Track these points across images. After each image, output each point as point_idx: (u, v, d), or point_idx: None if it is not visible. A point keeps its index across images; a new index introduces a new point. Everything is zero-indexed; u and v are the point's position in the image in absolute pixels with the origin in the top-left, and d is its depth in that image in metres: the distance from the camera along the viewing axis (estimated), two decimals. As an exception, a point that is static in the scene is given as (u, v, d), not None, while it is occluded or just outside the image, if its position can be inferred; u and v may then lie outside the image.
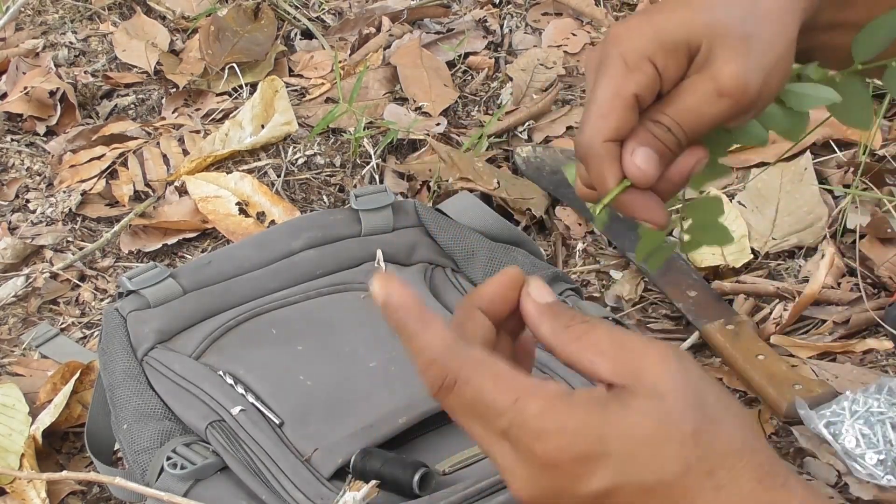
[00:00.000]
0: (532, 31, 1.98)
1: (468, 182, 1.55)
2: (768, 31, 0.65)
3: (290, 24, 2.02)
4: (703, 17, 0.65)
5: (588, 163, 0.66)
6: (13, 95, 1.83)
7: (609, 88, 0.65)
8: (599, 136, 0.65)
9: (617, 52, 0.65)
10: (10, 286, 1.50)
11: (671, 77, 0.66)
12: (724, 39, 0.64)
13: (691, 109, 0.65)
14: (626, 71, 0.65)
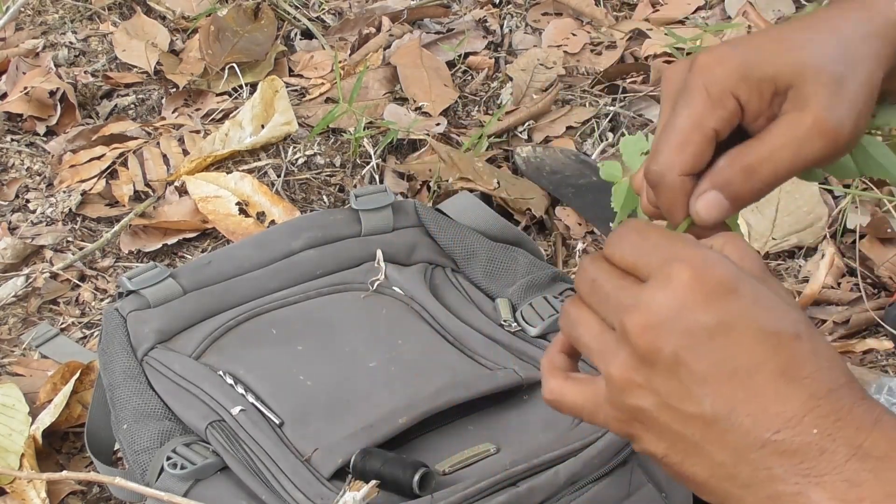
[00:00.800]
0: (532, 31, 1.98)
1: (468, 182, 1.55)
2: (860, 75, 0.65)
3: (290, 24, 2.02)
4: (794, 55, 0.65)
5: (659, 193, 0.67)
6: (13, 95, 1.83)
7: (689, 120, 0.65)
8: (674, 170, 0.65)
9: (701, 83, 0.65)
10: (10, 286, 1.50)
11: (753, 113, 0.66)
12: (818, 80, 0.64)
13: (784, 149, 0.64)
14: (708, 104, 0.65)
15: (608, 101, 1.77)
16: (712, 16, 1.99)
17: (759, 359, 0.55)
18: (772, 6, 1.96)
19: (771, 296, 0.57)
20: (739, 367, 0.55)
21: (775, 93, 0.65)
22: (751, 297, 0.56)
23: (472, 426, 1.04)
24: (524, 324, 1.15)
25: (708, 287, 0.56)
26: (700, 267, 0.56)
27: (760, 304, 0.56)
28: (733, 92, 0.65)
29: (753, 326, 0.55)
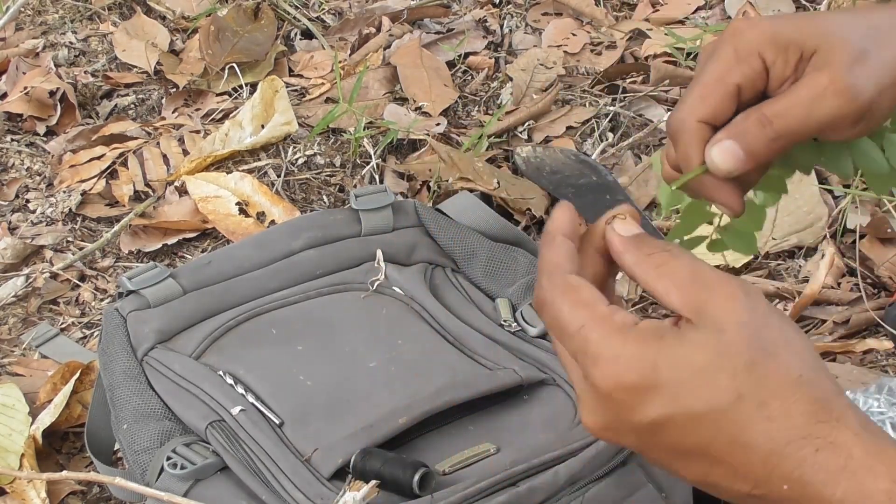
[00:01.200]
0: (532, 31, 1.98)
1: (468, 182, 1.55)
2: (887, 54, 0.65)
3: (290, 24, 2.02)
4: (824, 26, 0.66)
5: (677, 140, 0.67)
6: (13, 95, 1.83)
7: (714, 74, 0.66)
8: (694, 116, 0.66)
9: (730, 42, 0.66)
10: (10, 286, 1.50)
11: (778, 76, 0.66)
12: (843, 47, 0.64)
13: (799, 105, 0.65)
14: (734, 60, 0.65)
15: (608, 101, 1.77)
16: (712, 16, 1.99)
17: (706, 439, 0.56)
18: (772, 6, 1.96)
19: (699, 368, 0.56)
20: (691, 450, 0.57)
21: (801, 59, 0.65)
22: (673, 386, 0.56)
23: (472, 426, 1.04)
24: (524, 324, 1.15)
25: (626, 394, 0.57)
26: (612, 373, 0.57)
27: (686, 389, 0.56)
28: (760, 52, 0.65)
29: (686, 415, 0.56)
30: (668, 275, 0.59)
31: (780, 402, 0.55)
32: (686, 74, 1.81)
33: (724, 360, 0.56)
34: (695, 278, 0.59)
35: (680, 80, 1.81)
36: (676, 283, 0.59)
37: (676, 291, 0.59)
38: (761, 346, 0.56)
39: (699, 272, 0.59)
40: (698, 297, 0.58)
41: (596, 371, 0.57)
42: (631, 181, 1.61)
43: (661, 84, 1.79)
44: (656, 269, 0.60)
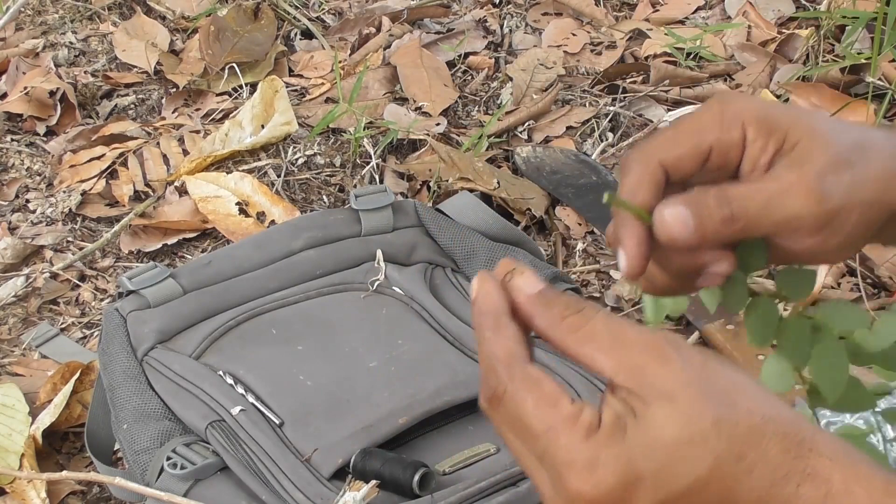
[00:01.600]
0: (532, 31, 1.98)
1: (468, 182, 1.55)
2: (867, 171, 0.62)
3: (290, 24, 2.02)
4: (812, 122, 0.63)
5: (629, 170, 0.64)
6: (13, 95, 1.83)
7: (693, 125, 0.64)
8: (657, 154, 0.63)
9: (720, 104, 0.64)
10: (10, 286, 1.50)
11: (752, 156, 0.63)
12: (825, 150, 0.62)
13: (763, 194, 0.62)
14: (718, 121, 0.63)
15: (608, 101, 1.77)
16: (712, 16, 1.99)
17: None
18: (772, 6, 1.96)
19: (670, 446, 0.54)
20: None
21: (781, 148, 0.63)
22: (652, 475, 0.55)
23: (472, 426, 1.04)
24: (524, 324, 1.15)
25: (609, 497, 0.55)
26: (591, 480, 0.55)
27: (665, 471, 0.55)
28: (745, 125, 0.63)
29: (672, 496, 0.55)
30: (588, 340, 0.57)
31: (755, 450, 0.55)
32: (686, 74, 1.81)
33: (690, 429, 0.55)
34: (619, 340, 0.56)
35: (680, 80, 1.81)
36: (600, 348, 0.56)
37: (604, 358, 0.56)
38: (717, 400, 0.55)
39: (619, 332, 0.56)
40: (631, 364, 0.56)
41: (571, 478, 0.55)
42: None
43: (661, 84, 1.79)
44: (573, 334, 0.57)
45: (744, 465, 0.55)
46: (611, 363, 0.56)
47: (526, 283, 0.59)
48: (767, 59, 1.82)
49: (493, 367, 0.58)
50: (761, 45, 1.87)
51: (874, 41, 1.66)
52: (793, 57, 1.83)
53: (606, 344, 0.56)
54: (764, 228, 0.63)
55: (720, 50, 1.88)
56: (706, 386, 0.55)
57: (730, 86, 1.80)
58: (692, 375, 0.56)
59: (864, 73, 1.70)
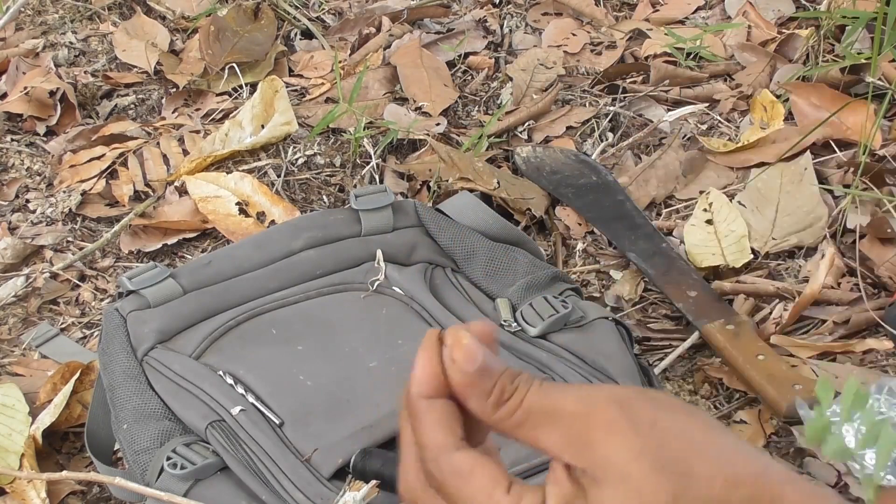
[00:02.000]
0: (532, 31, 1.98)
1: (468, 182, 1.55)
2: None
3: (290, 24, 2.02)
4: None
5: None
6: (13, 95, 1.83)
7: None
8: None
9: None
10: (10, 286, 1.50)
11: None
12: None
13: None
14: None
15: (608, 101, 1.77)
16: (712, 16, 1.99)
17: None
18: (772, 6, 1.96)
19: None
20: None
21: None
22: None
23: (472, 426, 1.04)
24: (524, 324, 1.15)
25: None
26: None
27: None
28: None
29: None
30: (526, 422, 0.53)
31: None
32: (686, 74, 1.81)
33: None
34: (556, 416, 0.52)
35: (680, 80, 1.81)
36: (540, 428, 0.53)
37: (546, 439, 0.53)
38: (673, 471, 0.51)
39: (558, 406, 0.52)
40: (576, 440, 0.52)
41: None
42: (631, 181, 1.61)
43: (661, 84, 1.79)
44: (509, 419, 0.53)
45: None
46: (554, 442, 0.52)
47: (464, 358, 0.55)
48: (767, 59, 1.82)
49: (421, 462, 0.54)
50: (761, 45, 1.87)
51: (874, 41, 1.66)
52: (793, 57, 1.83)
53: (545, 421, 0.53)
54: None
55: (720, 50, 1.88)
56: (659, 453, 0.51)
57: (730, 86, 1.80)
58: (642, 442, 0.51)
59: (864, 73, 1.70)
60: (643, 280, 1.46)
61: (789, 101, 1.69)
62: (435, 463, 0.54)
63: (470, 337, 0.55)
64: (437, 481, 0.54)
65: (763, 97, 1.71)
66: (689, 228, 1.50)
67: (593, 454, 0.51)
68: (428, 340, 0.56)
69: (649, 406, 0.53)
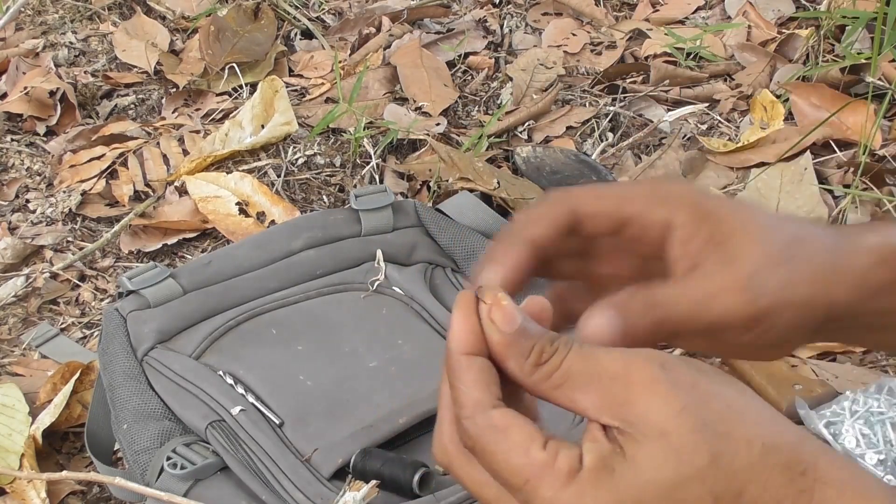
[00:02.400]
0: (532, 31, 1.98)
1: (468, 182, 1.55)
2: (802, 270, 0.59)
3: (290, 24, 2.02)
4: (747, 215, 0.60)
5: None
6: (13, 95, 1.83)
7: (617, 193, 0.61)
8: (572, 200, 0.59)
9: (652, 183, 0.62)
10: (10, 286, 1.50)
11: (682, 238, 0.60)
12: (758, 246, 0.58)
13: (692, 299, 0.59)
14: (644, 197, 0.60)
15: (608, 101, 1.77)
16: (712, 16, 1.99)
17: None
18: (772, 6, 1.96)
19: (665, 489, 0.50)
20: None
21: (713, 238, 0.59)
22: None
23: (472, 426, 1.04)
24: (524, 324, 1.15)
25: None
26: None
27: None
28: (675, 207, 0.60)
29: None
30: (564, 382, 0.52)
31: (755, 484, 0.50)
32: (686, 74, 1.81)
33: (686, 468, 0.50)
34: (596, 376, 0.52)
35: (680, 80, 1.81)
36: (578, 388, 0.52)
37: (584, 398, 0.52)
38: (712, 431, 0.50)
39: (597, 366, 0.52)
40: (614, 400, 0.51)
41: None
42: (631, 181, 1.61)
43: (661, 84, 1.79)
44: (546, 381, 0.53)
45: (745, 500, 0.50)
46: (592, 403, 0.52)
47: (503, 319, 0.54)
48: (767, 59, 1.82)
49: (459, 419, 0.54)
50: (761, 45, 1.87)
51: (874, 41, 1.66)
52: (793, 57, 1.83)
53: (584, 382, 0.52)
54: (693, 329, 0.59)
55: (720, 50, 1.88)
56: (700, 413, 0.51)
57: (730, 86, 1.80)
58: (684, 402, 0.51)
59: (864, 73, 1.70)
60: (643, 280, 1.45)
61: (789, 101, 1.69)
62: (471, 420, 0.53)
63: (508, 297, 0.55)
64: (473, 439, 0.53)
65: (763, 97, 1.71)
66: (689, 228, 1.50)
67: (632, 412, 0.51)
68: (464, 299, 0.55)
69: (689, 369, 0.53)
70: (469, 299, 0.55)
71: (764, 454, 0.51)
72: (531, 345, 0.54)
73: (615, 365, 0.52)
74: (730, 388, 0.53)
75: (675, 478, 0.50)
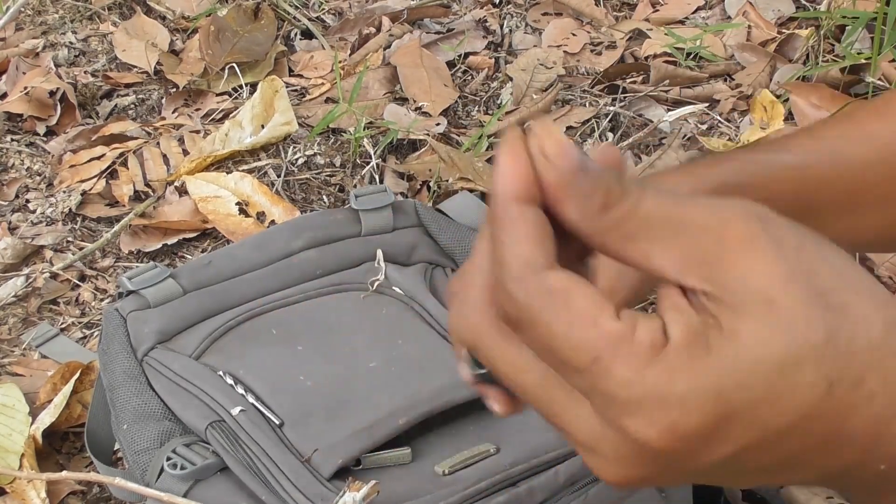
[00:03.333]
0: (532, 31, 1.98)
1: (468, 182, 1.55)
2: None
3: (290, 24, 2.02)
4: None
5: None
6: (13, 95, 1.83)
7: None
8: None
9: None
10: (10, 286, 1.50)
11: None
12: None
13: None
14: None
15: (608, 101, 1.77)
16: (712, 16, 1.99)
17: (794, 450, 0.42)
18: (772, 6, 1.96)
19: (773, 372, 0.40)
20: (768, 467, 0.43)
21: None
22: (748, 411, 0.40)
23: (472, 426, 1.04)
24: (524, 324, 1.15)
25: (688, 442, 0.41)
26: (664, 423, 0.40)
27: (765, 406, 0.40)
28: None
29: (769, 436, 0.41)
30: (640, 232, 0.41)
31: (876, 373, 0.41)
32: (686, 74, 1.81)
33: (799, 346, 0.40)
34: (681, 226, 0.41)
35: (680, 80, 1.81)
36: (658, 240, 0.41)
37: (664, 253, 0.41)
38: (827, 304, 0.40)
39: (682, 214, 0.41)
40: (704, 257, 0.40)
41: (636, 422, 0.40)
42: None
43: (661, 84, 1.79)
44: (620, 227, 0.41)
45: (863, 390, 0.41)
46: (675, 259, 0.41)
47: (558, 155, 0.42)
48: (767, 59, 1.82)
49: (502, 282, 0.42)
50: (761, 45, 1.87)
51: (874, 41, 1.66)
52: (793, 57, 1.83)
53: (666, 233, 0.41)
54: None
55: (720, 50, 1.88)
56: (811, 281, 0.40)
57: (730, 86, 1.80)
58: (791, 266, 0.40)
59: (864, 73, 1.70)
60: (643, 280, 1.45)
61: (789, 101, 1.69)
62: (520, 283, 0.41)
63: (559, 130, 0.43)
64: (520, 307, 0.41)
65: (763, 97, 1.71)
66: (689, 228, 1.50)
67: (729, 275, 0.40)
68: (512, 134, 0.44)
69: (792, 228, 0.42)
70: (517, 135, 0.44)
71: (886, 335, 0.41)
72: (596, 184, 0.42)
73: (705, 215, 0.41)
74: (838, 255, 0.43)
75: (785, 357, 0.40)
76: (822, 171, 0.67)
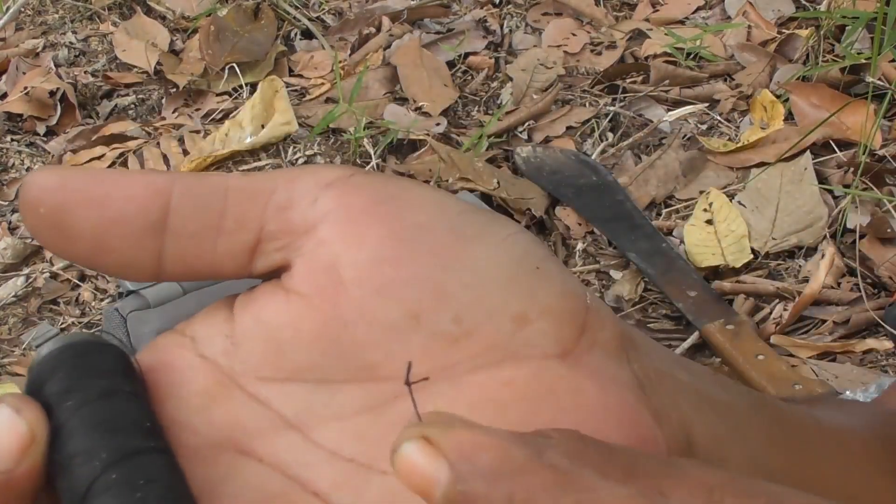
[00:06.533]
0: (532, 31, 1.98)
1: (468, 182, 1.55)
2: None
3: (290, 24, 2.02)
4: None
5: None
6: (13, 95, 1.83)
7: None
8: None
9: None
10: (10, 286, 1.50)
11: None
12: None
13: None
14: None
15: (608, 101, 1.77)
16: (712, 16, 1.99)
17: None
18: (772, 6, 1.96)
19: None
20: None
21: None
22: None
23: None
24: (524, 324, 1.15)
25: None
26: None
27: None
28: None
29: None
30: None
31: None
32: (686, 74, 1.81)
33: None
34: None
35: (680, 80, 1.81)
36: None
37: None
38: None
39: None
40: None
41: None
42: (631, 181, 1.61)
43: (661, 84, 1.79)
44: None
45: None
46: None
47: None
48: (767, 59, 1.82)
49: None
50: (761, 45, 1.87)
51: (874, 41, 1.66)
52: (793, 57, 1.83)
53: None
54: None
55: (720, 50, 1.88)
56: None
57: (730, 86, 1.80)
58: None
59: (864, 73, 1.70)
60: (643, 280, 1.46)
61: (789, 101, 1.69)
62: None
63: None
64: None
65: (763, 97, 1.72)
66: (688, 228, 1.50)
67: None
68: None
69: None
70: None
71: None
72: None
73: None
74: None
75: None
76: None
